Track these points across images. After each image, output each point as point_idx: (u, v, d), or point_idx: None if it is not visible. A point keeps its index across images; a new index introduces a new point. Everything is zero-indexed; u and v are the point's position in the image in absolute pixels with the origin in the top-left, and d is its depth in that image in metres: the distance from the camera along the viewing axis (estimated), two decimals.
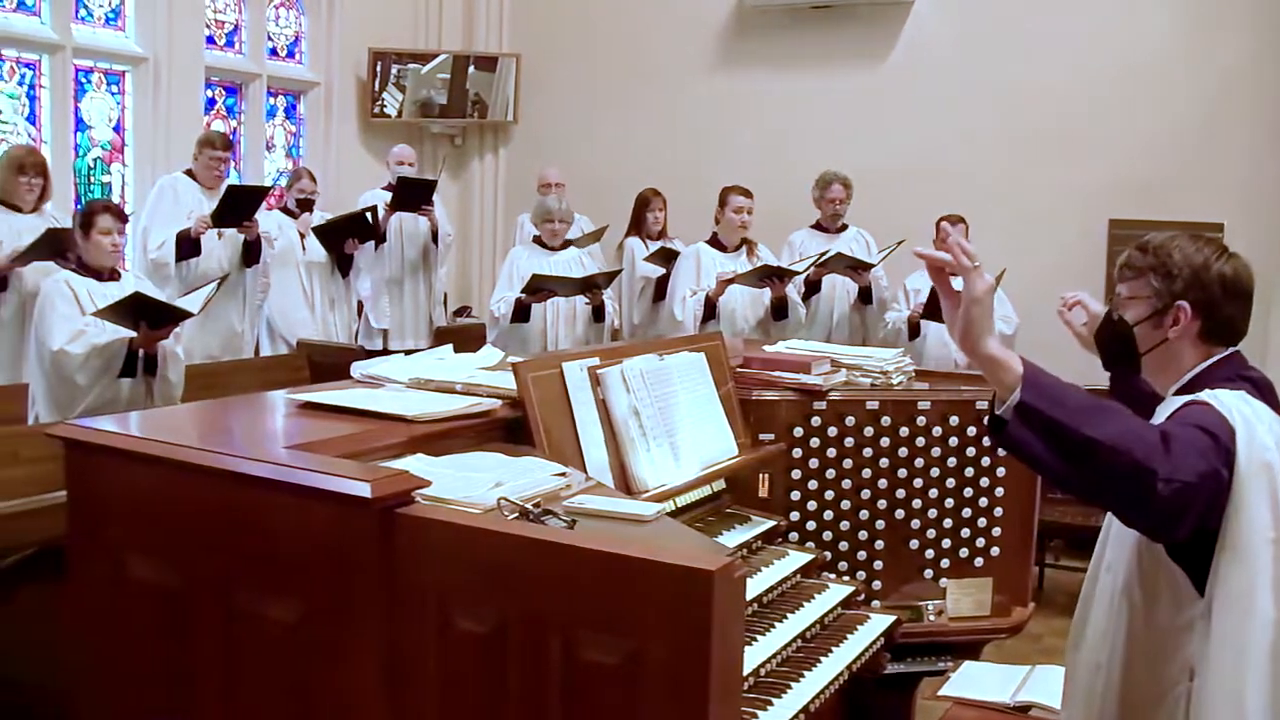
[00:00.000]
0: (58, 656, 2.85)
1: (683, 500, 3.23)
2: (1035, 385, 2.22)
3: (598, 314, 6.91)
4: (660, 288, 7.55)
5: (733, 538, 3.26)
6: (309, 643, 2.20)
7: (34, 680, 3.49)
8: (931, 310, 6.67)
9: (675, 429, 3.23)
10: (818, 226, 7.65)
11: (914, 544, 3.73)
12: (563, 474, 2.53)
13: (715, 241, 6.90)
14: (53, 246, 5.77)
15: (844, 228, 7.63)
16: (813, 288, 7.28)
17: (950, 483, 3.74)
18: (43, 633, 3.51)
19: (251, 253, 7.06)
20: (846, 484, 3.67)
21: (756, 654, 2.81)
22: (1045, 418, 2.19)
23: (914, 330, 7.06)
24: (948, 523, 3.75)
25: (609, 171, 9.21)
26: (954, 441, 3.73)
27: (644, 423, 3.11)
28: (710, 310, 6.63)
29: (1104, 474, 2.18)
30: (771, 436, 3.64)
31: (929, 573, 3.75)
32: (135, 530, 2.46)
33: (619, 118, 9.67)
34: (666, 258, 7.53)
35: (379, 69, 9.83)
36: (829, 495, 3.67)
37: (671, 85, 9.51)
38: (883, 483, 3.69)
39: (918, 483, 3.71)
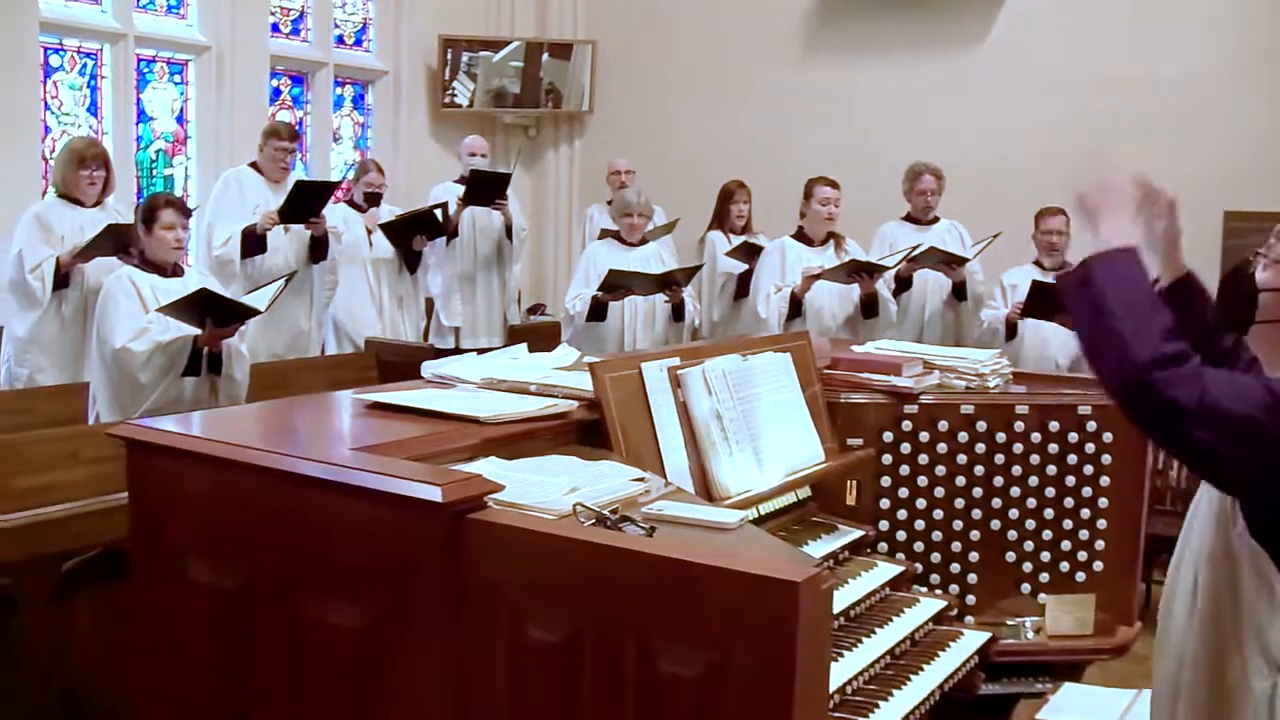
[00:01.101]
0: (120, 660, 2.93)
1: (766, 508, 3.24)
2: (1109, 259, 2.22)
3: (677, 312, 6.90)
4: (742, 284, 7.53)
5: (819, 548, 3.26)
6: (375, 650, 2.23)
7: (96, 685, 3.58)
8: (1031, 308, 6.59)
9: (759, 433, 3.22)
10: (909, 219, 7.59)
11: (1011, 556, 3.69)
12: (641, 479, 2.54)
13: (801, 235, 6.86)
14: (114, 242, 5.85)
15: (936, 220, 7.56)
16: (904, 284, 7.21)
17: (1050, 492, 3.70)
18: (104, 636, 3.60)
19: (318, 249, 7.14)
20: (939, 492, 3.65)
21: (843, 670, 2.80)
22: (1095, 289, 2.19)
23: (1011, 330, 6.97)
24: (1047, 534, 3.71)
25: (688, 163, 9.21)
26: (1054, 448, 3.69)
27: (726, 426, 3.11)
28: (796, 308, 6.59)
29: (1102, 337, 2.16)
30: (860, 442, 3.64)
31: (1027, 587, 3.71)
32: (197, 532, 2.51)
33: (699, 107, 9.67)
34: (749, 253, 7.51)
35: (449, 57, 9.93)
36: (920, 504, 3.65)
37: (754, 73, 9.50)
38: (977, 491, 3.66)
39: (1015, 491, 3.68)
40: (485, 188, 7.80)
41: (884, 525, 3.63)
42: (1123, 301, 2.19)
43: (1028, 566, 3.70)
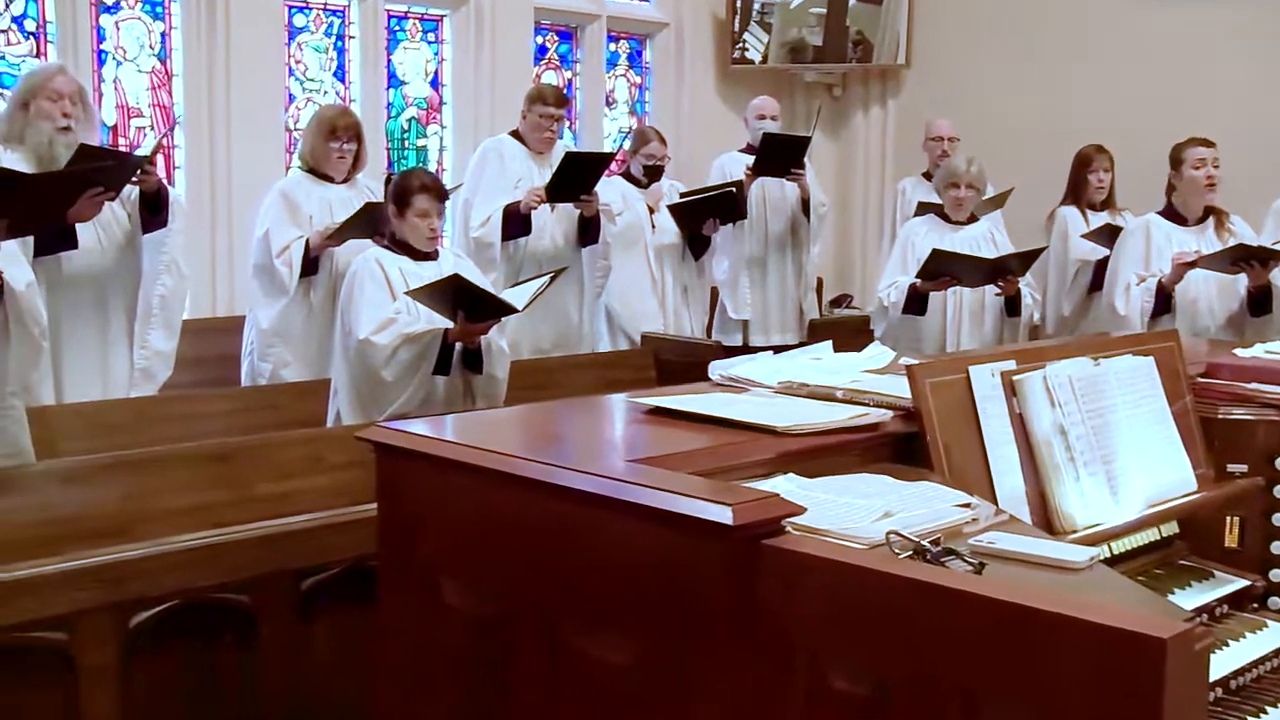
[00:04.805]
0: (360, 687, 3.08)
1: (1121, 545, 3.17)
2: None
3: (1011, 307, 6.78)
4: (1100, 274, 7.33)
5: (1189, 598, 3.17)
6: (647, 691, 2.28)
7: (335, 711, 3.77)
8: None
9: (1113, 454, 3.16)
10: None
11: None
12: (967, 505, 2.53)
13: (1170, 212, 6.64)
14: (372, 223, 6.05)
15: None
16: None
17: None
18: (345, 660, 3.79)
19: (589, 231, 7.27)
20: None
21: None
22: None
23: None
24: None
25: (1024, 126, 9.06)
26: None
27: (1072, 444, 3.05)
28: (1164, 302, 6.40)
29: None
30: (1244, 468, 3.52)
31: None
32: (452, 550, 2.62)
33: (1039, 59, 9.48)
34: (1111, 236, 7.30)
35: (739, 5, 10.01)
36: None
37: (1109, 15, 9.22)
38: None
39: None
40: (778, 154, 7.77)
41: (1276, 575, 3.48)
42: None
43: None
